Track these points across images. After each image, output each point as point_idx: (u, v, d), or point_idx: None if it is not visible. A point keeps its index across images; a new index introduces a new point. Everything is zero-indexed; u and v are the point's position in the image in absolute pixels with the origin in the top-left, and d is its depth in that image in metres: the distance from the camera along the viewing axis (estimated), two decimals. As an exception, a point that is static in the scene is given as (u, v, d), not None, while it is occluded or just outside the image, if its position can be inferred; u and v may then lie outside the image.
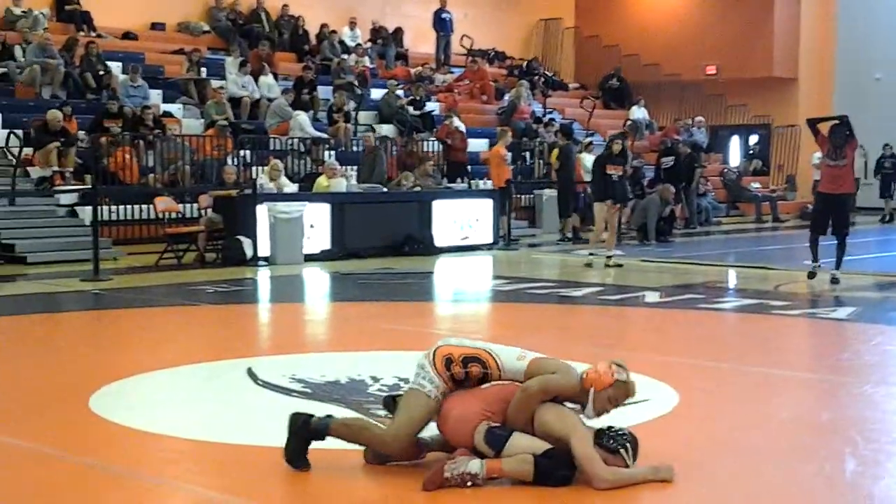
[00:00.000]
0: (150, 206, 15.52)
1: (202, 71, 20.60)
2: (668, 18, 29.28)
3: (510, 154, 19.80)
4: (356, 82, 22.28)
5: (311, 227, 14.93)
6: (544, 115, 24.59)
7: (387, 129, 21.51)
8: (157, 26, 23.04)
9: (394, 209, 16.29)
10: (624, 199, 15.01)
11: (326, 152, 18.78)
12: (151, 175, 16.75)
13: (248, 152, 18.04)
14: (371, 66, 24.14)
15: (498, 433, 4.77)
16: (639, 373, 4.96)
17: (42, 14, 20.27)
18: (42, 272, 13.32)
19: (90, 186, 15.02)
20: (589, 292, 11.93)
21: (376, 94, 22.68)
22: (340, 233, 15.44)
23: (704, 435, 5.72)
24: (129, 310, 10.75)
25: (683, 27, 28.73)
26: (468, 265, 15.49)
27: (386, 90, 22.32)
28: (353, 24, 25.46)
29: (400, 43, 26.38)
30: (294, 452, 4.95)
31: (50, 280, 12.66)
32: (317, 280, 13.59)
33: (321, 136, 19.25)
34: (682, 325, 9.92)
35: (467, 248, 16.86)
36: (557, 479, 4.66)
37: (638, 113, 26.49)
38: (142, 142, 16.99)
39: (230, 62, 20.89)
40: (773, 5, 27.66)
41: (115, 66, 19.55)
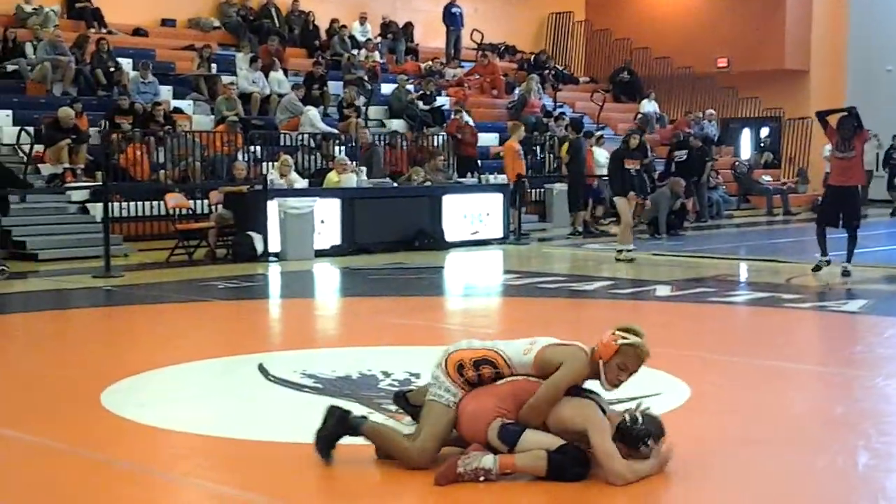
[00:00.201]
0: (161, 202, 15.54)
1: (212, 67, 20.61)
2: (679, 11, 29.20)
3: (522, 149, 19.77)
4: (366, 77, 22.28)
5: (322, 222, 14.94)
6: (555, 109, 24.55)
7: (397, 123, 21.50)
8: (167, 22, 23.07)
9: (404, 204, 16.28)
10: (644, 192, 15.16)
11: (337, 148, 18.78)
12: (162, 171, 16.77)
13: (259, 148, 18.05)
14: (381, 60, 24.14)
15: (511, 429, 4.76)
16: (650, 367, 4.93)
17: (53, 11, 20.31)
18: (53, 269, 13.35)
19: (101, 183, 15.03)
20: (600, 286, 11.90)
21: (386, 88, 22.67)
22: (351, 228, 15.45)
23: (716, 429, 5.70)
24: (139, 306, 10.78)
25: (694, 20, 28.65)
26: (479, 260, 15.48)
27: (396, 85, 22.31)
28: (363, 19, 25.47)
29: (410, 38, 26.37)
30: (324, 441, 4.98)
31: (61, 277, 12.69)
32: (327, 275, 13.60)
33: (331, 131, 19.25)
34: (694, 319, 9.90)
35: (478, 243, 16.86)
36: (571, 475, 4.63)
37: (648, 106, 26.44)
38: (152, 138, 17.02)
39: (241, 58, 20.91)
40: (784, -3, 27.57)
41: (126, 63, 19.59)
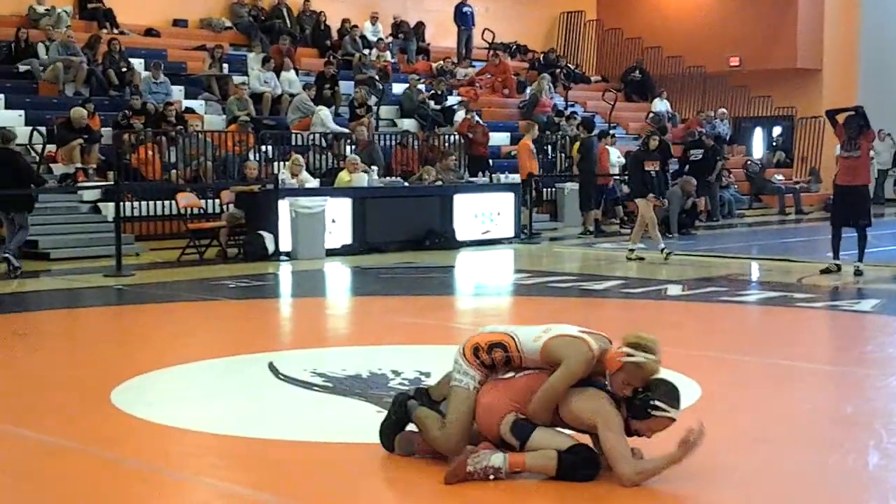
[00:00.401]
0: (173, 201, 15.56)
1: (224, 67, 20.64)
2: (690, 10, 29.13)
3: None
4: (377, 77, 22.29)
5: (333, 221, 14.95)
6: (566, 109, 24.52)
7: (408, 123, 21.51)
8: (179, 23, 23.10)
9: (415, 203, 16.28)
10: (662, 193, 15.20)
11: (348, 147, 18.79)
12: (174, 171, 16.80)
13: (270, 148, 18.07)
14: (392, 60, 24.14)
15: (524, 425, 4.74)
16: (662, 366, 4.91)
17: (65, 12, 20.36)
18: (65, 268, 13.38)
19: (113, 183, 15.07)
20: (611, 286, 11.88)
21: (398, 88, 22.67)
22: (362, 227, 15.46)
23: (727, 428, 5.69)
24: (151, 305, 10.80)
25: (706, 19, 28.58)
26: (490, 259, 15.47)
27: (407, 85, 22.32)
28: (374, 19, 25.47)
29: (421, 37, 26.36)
30: (388, 428, 5.10)
31: (73, 276, 12.72)
32: (338, 275, 13.61)
33: (343, 130, 19.25)
34: (705, 319, 9.88)
35: (489, 242, 16.85)
36: (581, 476, 4.62)
37: (660, 105, 26.37)
38: (164, 138, 17.05)
39: (252, 58, 20.93)
40: (796, -4, 27.49)
41: (138, 63, 19.62)
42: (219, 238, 14.88)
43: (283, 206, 14.40)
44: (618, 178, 20.19)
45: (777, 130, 29.34)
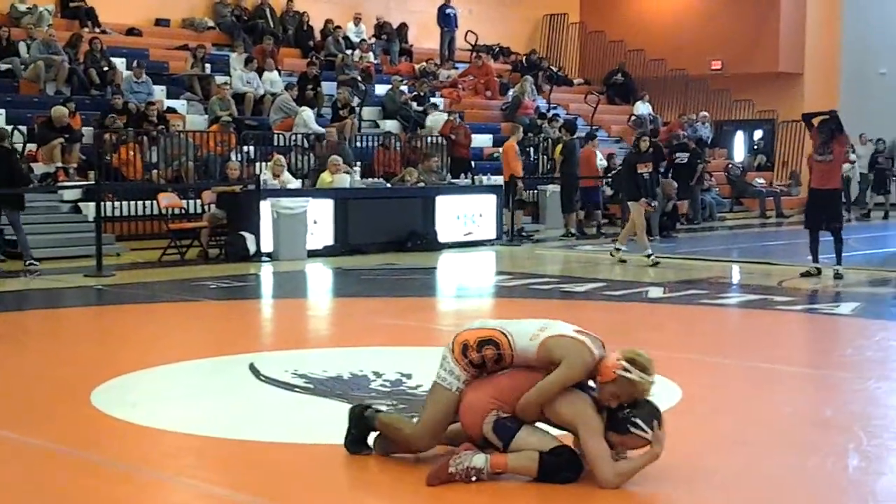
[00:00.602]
0: (154, 201, 15.52)
1: (206, 67, 20.59)
2: (673, 13, 29.24)
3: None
4: (360, 78, 22.27)
5: (315, 222, 14.94)
6: (548, 111, 24.56)
7: (391, 124, 21.50)
8: (161, 22, 23.04)
9: (397, 205, 16.28)
10: (654, 195, 15.24)
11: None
12: (155, 171, 16.74)
13: (252, 148, 18.04)
14: (375, 61, 24.14)
15: (507, 425, 4.72)
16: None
17: (46, 10, 20.29)
18: (45, 268, 13.29)
19: (94, 182, 15.02)
20: (592, 288, 11.90)
21: (380, 89, 22.67)
22: (344, 228, 15.45)
23: (707, 430, 5.71)
24: (131, 305, 10.76)
25: (689, 22, 28.69)
26: (471, 261, 15.48)
27: (390, 86, 22.31)
28: (357, 20, 25.46)
29: (404, 38, 26.37)
30: (353, 444, 5.07)
31: (53, 276, 12.66)
32: (320, 276, 13.59)
33: (325, 132, 19.21)
34: (686, 321, 9.91)
35: (471, 244, 16.86)
36: (561, 479, 4.61)
37: (642, 108, 26.46)
38: (145, 138, 17.00)
39: (235, 58, 20.88)
40: (778, 0, 27.61)
41: (120, 63, 19.56)
42: (200, 238, 14.85)
43: (265, 206, 14.38)
44: (605, 180, 20.25)
45: (758, 134, 29.47)
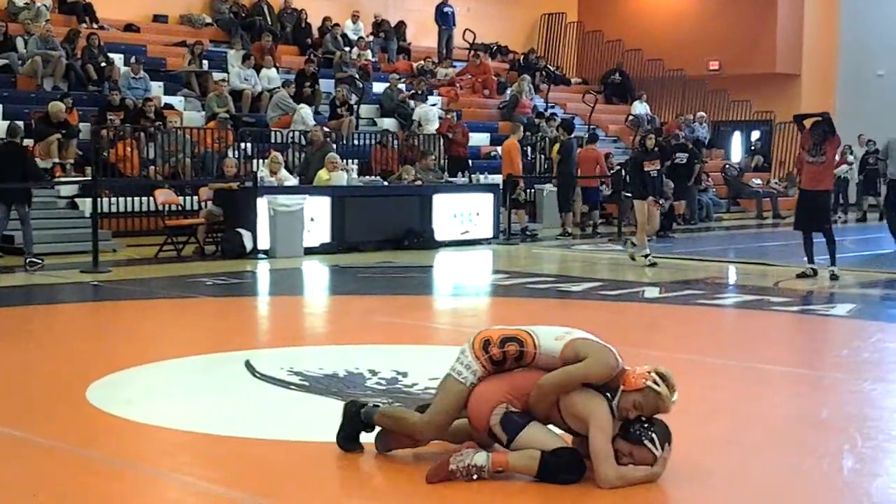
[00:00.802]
0: (151, 198, 15.51)
1: (204, 63, 20.59)
2: (671, 14, 29.26)
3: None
4: (358, 76, 22.26)
5: (312, 220, 14.93)
6: (546, 110, 24.57)
7: (388, 122, 21.50)
8: (159, 18, 23.04)
9: (394, 203, 16.28)
10: (660, 194, 15.21)
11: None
12: (152, 167, 16.74)
13: (249, 145, 18.03)
14: (373, 59, 24.14)
15: (515, 419, 4.68)
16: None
17: (44, 6, 20.28)
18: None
19: (90, 178, 15.00)
20: (588, 287, 11.90)
21: (378, 87, 22.67)
22: (340, 226, 15.44)
23: (703, 431, 5.70)
24: (127, 302, 10.74)
25: (687, 22, 28.72)
26: (468, 259, 15.47)
27: (388, 84, 22.31)
28: (355, 18, 25.46)
29: (402, 37, 26.37)
30: (345, 441, 5.05)
31: (49, 271, 12.65)
32: (316, 273, 13.58)
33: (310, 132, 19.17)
34: (682, 321, 9.91)
35: (468, 243, 16.86)
36: (560, 480, 4.59)
37: (640, 108, 26.48)
38: (143, 134, 16.99)
39: (232, 55, 20.88)
40: (776, 1, 27.64)
41: (117, 58, 19.56)
42: (197, 235, 14.84)
43: (262, 203, 14.36)
44: (600, 180, 20.28)
45: (755, 135, 29.49)
